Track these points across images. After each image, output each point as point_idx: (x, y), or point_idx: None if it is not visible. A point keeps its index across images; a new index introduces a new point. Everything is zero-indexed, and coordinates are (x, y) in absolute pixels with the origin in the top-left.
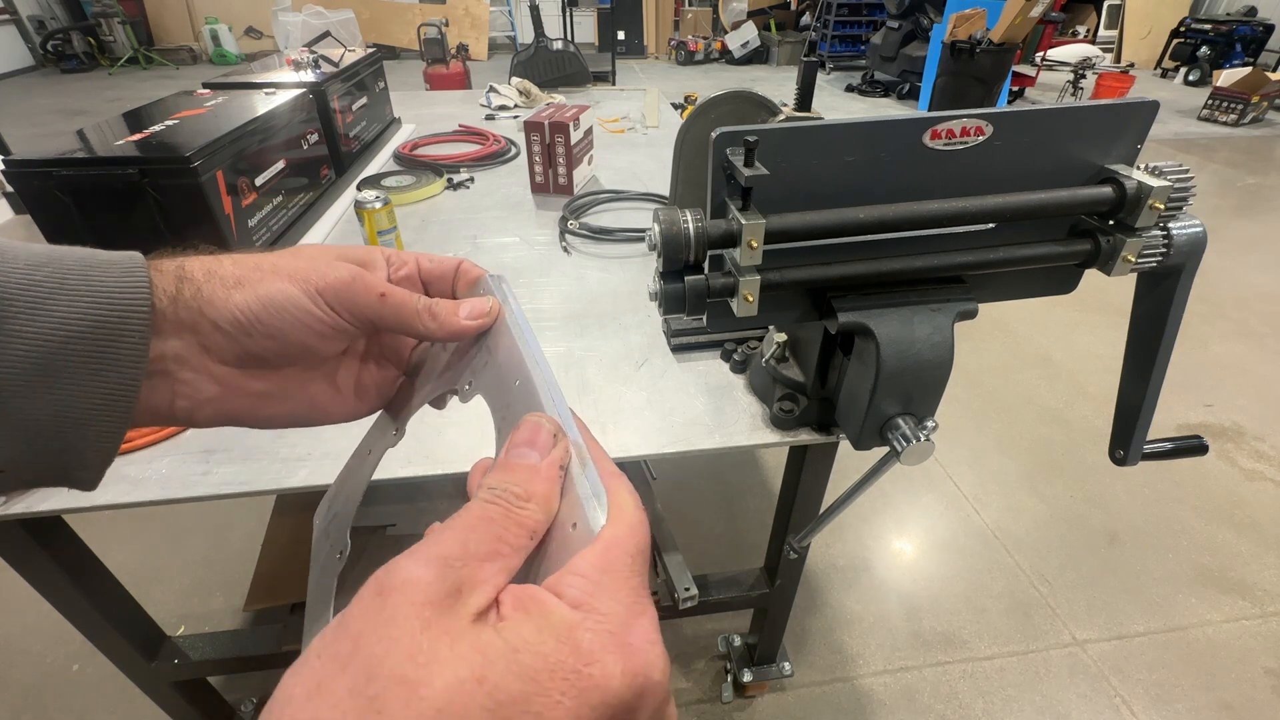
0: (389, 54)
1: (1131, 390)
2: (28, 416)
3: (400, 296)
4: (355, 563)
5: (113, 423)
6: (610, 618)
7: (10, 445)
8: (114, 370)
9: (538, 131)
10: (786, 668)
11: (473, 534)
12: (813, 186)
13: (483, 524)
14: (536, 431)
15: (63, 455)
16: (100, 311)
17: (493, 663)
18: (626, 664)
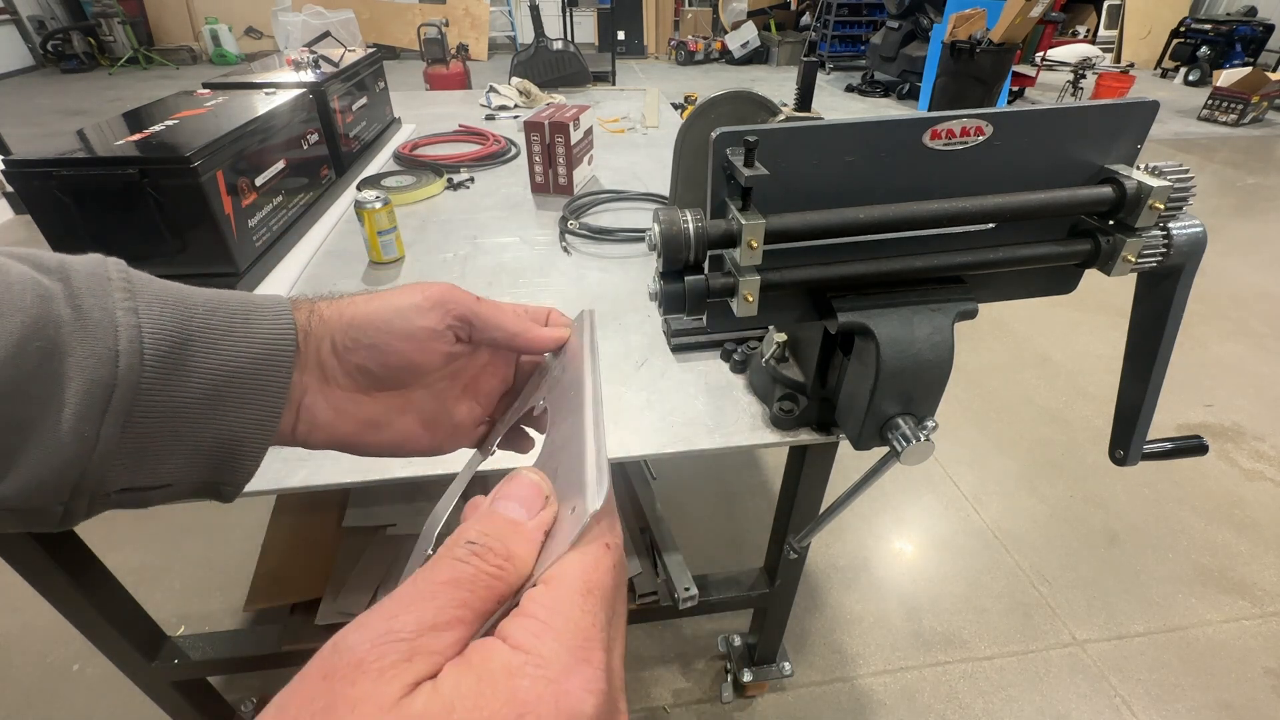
0: (389, 54)
1: (1131, 390)
2: (197, 438)
3: (494, 302)
4: (355, 562)
5: (258, 444)
6: (551, 663)
7: (180, 463)
8: (264, 400)
9: (538, 131)
10: (786, 668)
11: (434, 601)
12: (813, 186)
13: (448, 589)
14: (527, 489)
15: (217, 471)
16: (256, 350)
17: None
18: (559, 713)
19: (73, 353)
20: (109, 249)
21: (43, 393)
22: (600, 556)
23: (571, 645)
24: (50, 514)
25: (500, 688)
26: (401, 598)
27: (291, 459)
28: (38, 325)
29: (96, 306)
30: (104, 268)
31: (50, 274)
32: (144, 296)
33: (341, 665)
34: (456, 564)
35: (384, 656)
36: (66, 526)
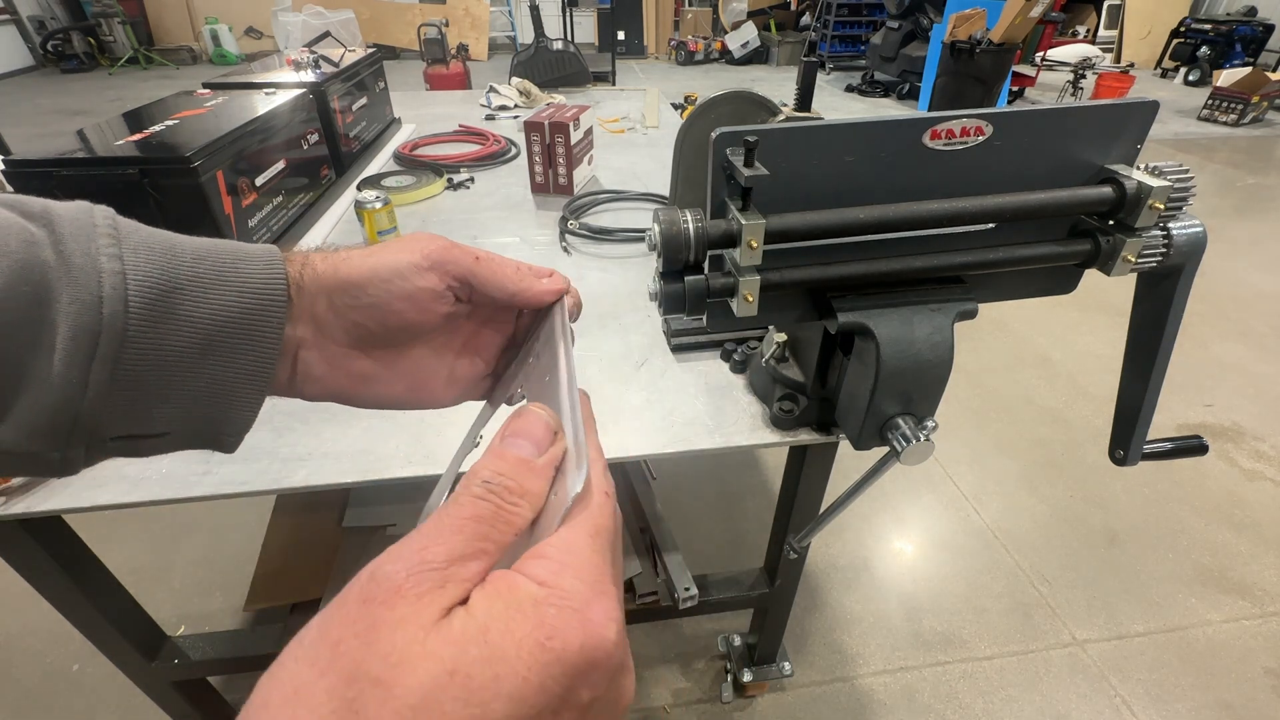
0: (389, 54)
1: (1131, 390)
2: (189, 387)
3: (494, 256)
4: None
5: (254, 394)
6: (573, 595)
7: (174, 412)
8: (257, 349)
9: (538, 131)
10: (786, 668)
11: (460, 535)
12: (813, 186)
13: (472, 524)
14: (535, 424)
15: (214, 422)
16: (247, 300)
17: (464, 651)
18: (586, 639)
19: (58, 298)
20: None
21: (31, 337)
22: (602, 503)
23: (588, 580)
24: (48, 460)
25: (529, 614)
26: (430, 531)
27: (291, 459)
28: (23, 270)
29: (80, 252)
30: (90, 215)
31: (35, 219)
32: (130, 243)
33: (380, 592)
34: (477, 501)
35: (420, 584)
36: (67, 473)
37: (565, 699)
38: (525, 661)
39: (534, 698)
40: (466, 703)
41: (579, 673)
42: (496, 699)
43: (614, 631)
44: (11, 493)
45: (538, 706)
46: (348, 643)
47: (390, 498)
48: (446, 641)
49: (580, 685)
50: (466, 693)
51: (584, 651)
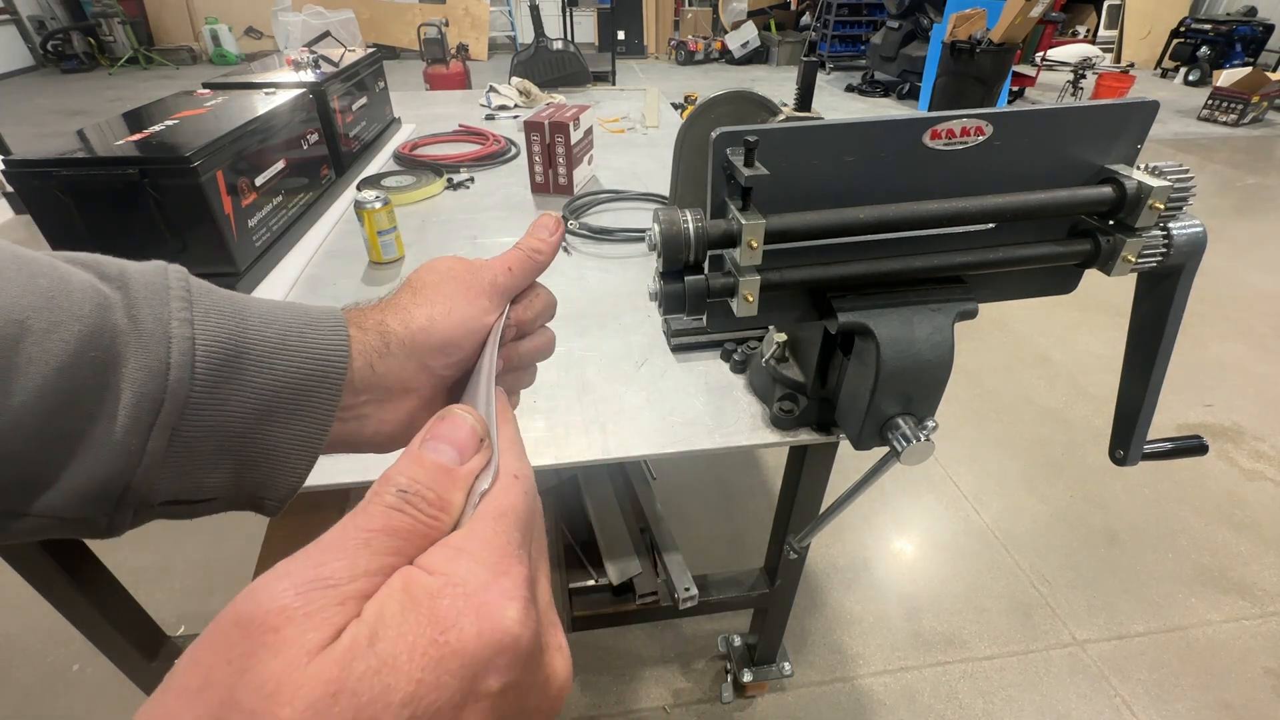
0: (389, 54)
1: (1131, 390)
2: (245, 452)
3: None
4: None
5: (303, 461)
6: (469, 580)
7: (225, 476)
8: (312, 416)
9: (538, 131)
10: (786, 668)
11: (367, 549)
12: (813, 186)
13: (382, 537)
14: (459, 428)
15: (261, 486)
16: (309, 367)
17: (348, 669)
18: (482, 625)
19: (126, 363)
20: (109, 249)
21: (94, 403)
22: (508, 485)
23: (487, 562)
24: (96, 524)
25: (423, 610)
26: (329, 545)
27: None
28: (95, 335)
29: (151, 317)
30: (164, 276)
31: (111, 281)
32: (200, 307)
33: (262, 612)
34: (390, 512)
35: (312, 602)
36: (113, 535)
37: (469, 691)
38: (419, 664)
39: (430, 696)
40: (356, 716)
41: (481, 662)
42: (387, 709)
43: (515, 611)
44: None
45: (436, 704)
46: (219, 670)
47: None
48: (330, 662)
49: (485, 674)
50: (353, 712)
51: (482, 638)
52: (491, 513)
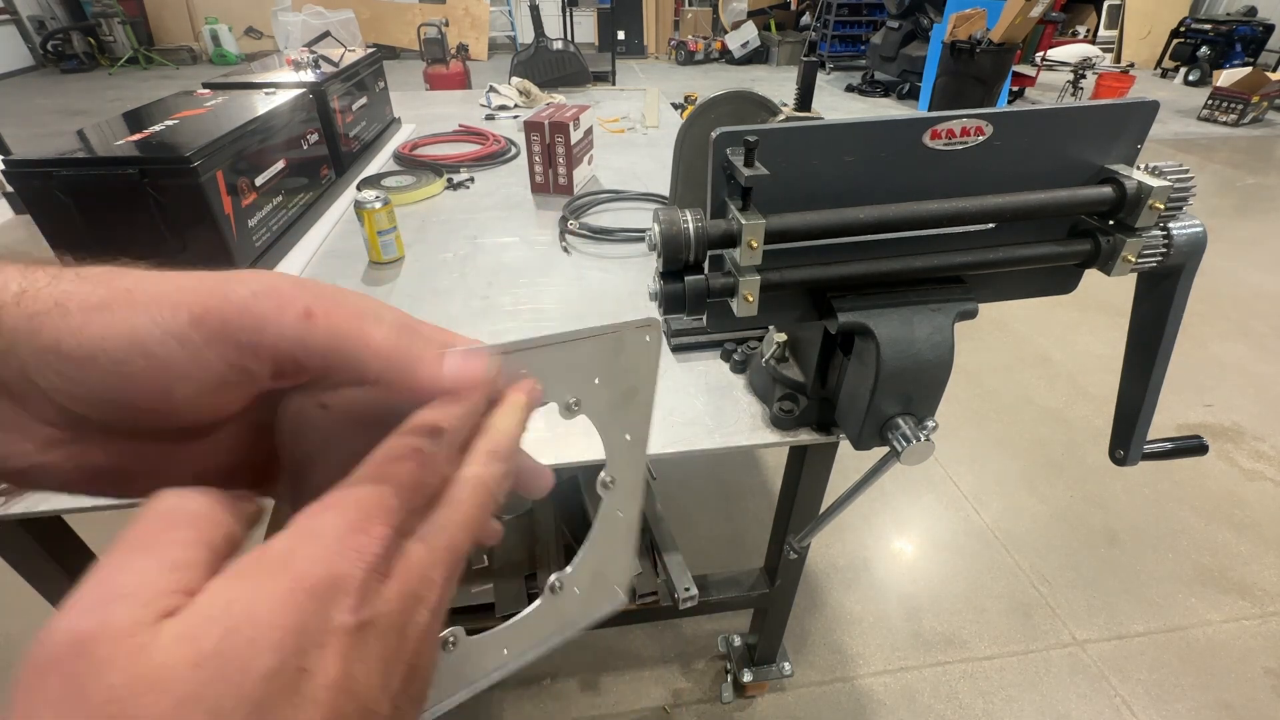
0: (389, 54)
1: (1131, 390)
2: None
3: (344, 315)
4: None
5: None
6: (322, 534)
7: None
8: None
9: (538, 131)
10: (786, 668)
11: (157, 550)
12: (813, 186)
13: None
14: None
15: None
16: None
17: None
18: (330, 572)
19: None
20: (109, 249)
21: None
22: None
23: (339, 523)
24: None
25: (277, 570)
26: (108, 564)
27: None
28: None
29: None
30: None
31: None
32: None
33: (62, 646)
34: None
35: (115, 615)
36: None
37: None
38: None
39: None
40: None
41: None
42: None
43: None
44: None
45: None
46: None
47: None
48: (174, 639)
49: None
50: (218, 669)
51: None
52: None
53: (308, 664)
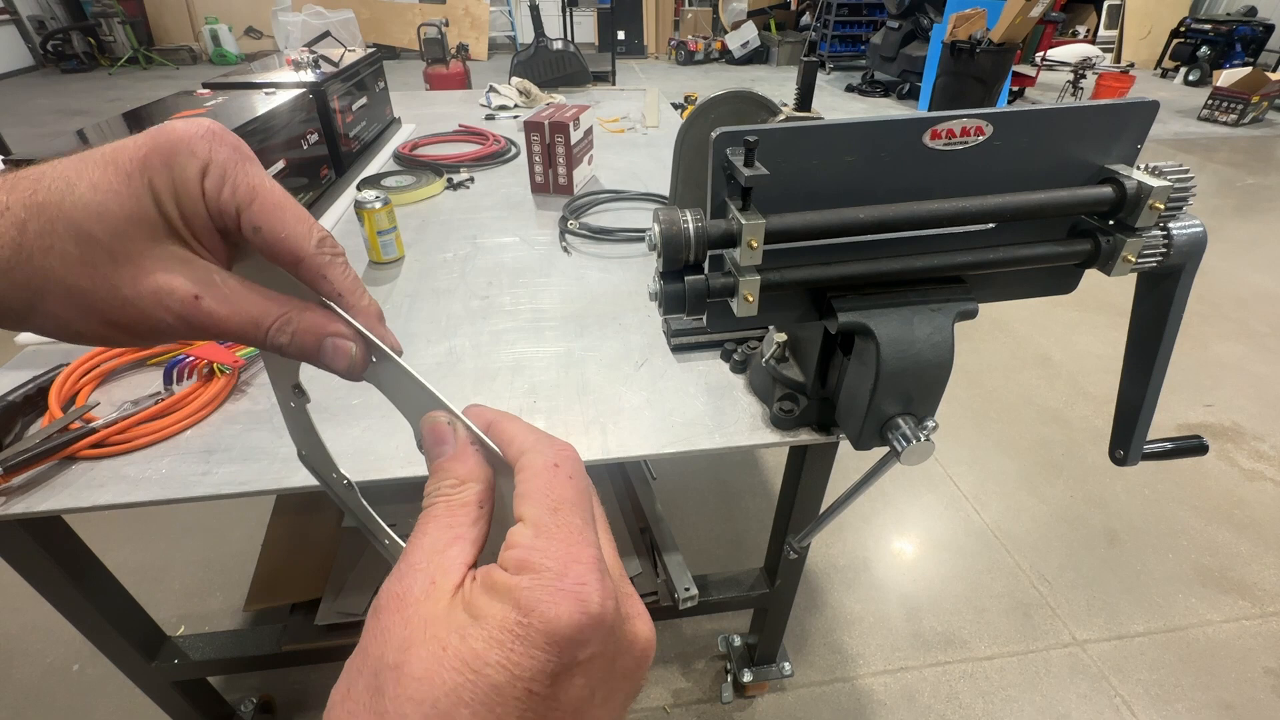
0: (389, 54)
1: (1131, 390)
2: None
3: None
4: (355, 562)
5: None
6: (544, 573)
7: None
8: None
9: (538, 131)
10: (786, 668)
11: (426, 537)
12: (813, 186)
13: (431, 525)
14: (437, 428)
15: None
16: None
17: (454, 632)
18: (562, 607)
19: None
20: None
21: None
22: (550, 478)
23: (558, 554)
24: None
25: (507, 600)
26: (406, 550)
27: (291, 459)
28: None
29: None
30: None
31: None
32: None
33: (385, 602)
34: (427, 510)
35: (413, 586)
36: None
37: (566, 663)
38: (509, 635)
39: (527, 664)
40: (461, 670)
41: (569, 639)
42: (489, 666)
43: (590, 591)
44: (11, 493)
45: (533, 671)
46: (374, 648)
47: (390, 498)
48: (445, 627)
49: (575, 648)
50: (460, 662)
51: (566, 618)
52: (547, 509)
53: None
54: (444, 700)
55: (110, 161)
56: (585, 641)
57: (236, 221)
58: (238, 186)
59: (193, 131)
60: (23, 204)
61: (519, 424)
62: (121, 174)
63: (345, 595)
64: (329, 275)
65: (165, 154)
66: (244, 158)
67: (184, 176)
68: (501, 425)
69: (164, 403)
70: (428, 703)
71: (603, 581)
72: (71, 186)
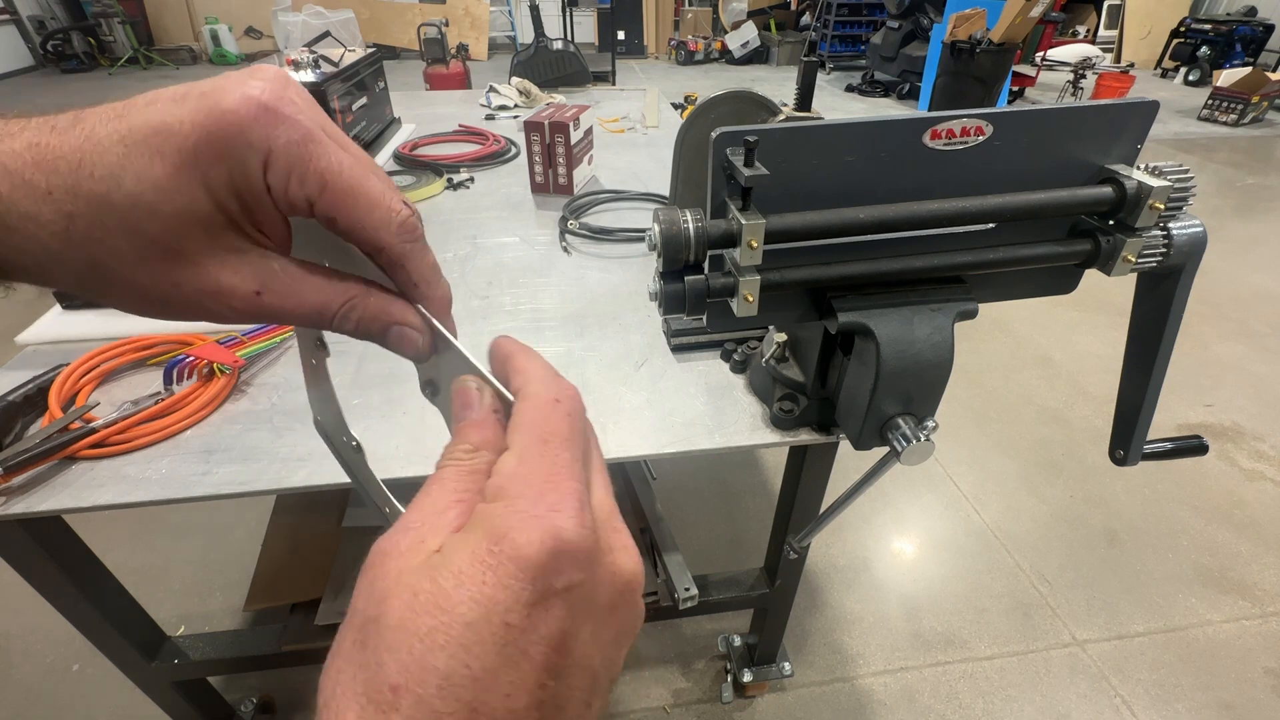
0: (389, 54)
1: (1131, 390)
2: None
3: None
4: (355, 562)
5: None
6: (519, 499)
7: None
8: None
9: (538, 131)
10: (786, 668)
11: (428, 498)
12: (813, 186)
13: (436, 487)
14: (465, 393)
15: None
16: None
17: (425, 576)
18: (532, 533)
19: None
20: None
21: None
22: (548, 411)
23: (537, 483)
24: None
25: (480, 530)
26: (409, 508)
27: (291, 459)
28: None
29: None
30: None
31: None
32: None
33: (373, 559)
34: (438, 471)
35: (400, 543)
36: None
37: (541, 591)
38: (480, 567)
39: (500, 595)
40: (432, 612)
41: (538, 565)
42: (460, 604)
43: (564, 519)
44: (11, 493)
45: (506, 603)
46: (359, 603)
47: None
48: (419, 575)
49: (549, 575)
50: (432, 604)
51: (533, 545)
52: (535, 440)
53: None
54: (418, 646)
55: (157, 151)
56: (558, 570)
57: (308, 211)
58: (306, 176)
59: (248, 114)
60: (66, 190)
61: (537, 361)
62: (170, 167)
63: (345, 595)
64: (406, 265)
65: (219, 145)
66: (308, 136)
67: (243, 172)
68: (518, 359)
69: (164, 403)
70: (403, 649)
71: (580, 510)
72: (118, 179)
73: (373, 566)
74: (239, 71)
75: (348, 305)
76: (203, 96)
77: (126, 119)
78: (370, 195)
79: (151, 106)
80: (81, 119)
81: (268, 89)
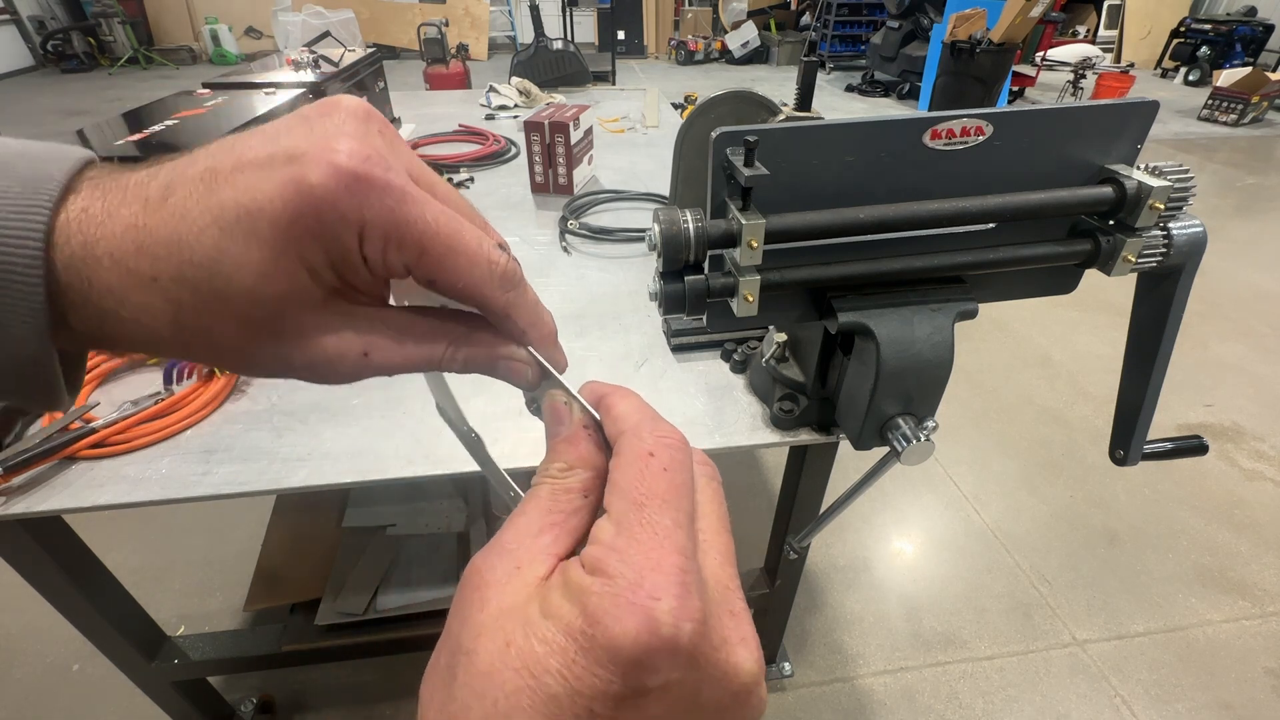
0: (389, 54)
1: (1131, 390)
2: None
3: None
4: (355, 562)
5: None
6: (616, 579)
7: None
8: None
9: (538, 131)
10: (786, 668)
11: (523, 517)
12: (813, 186)
13: (531, 505)
14: (555, 409)
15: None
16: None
17: (521, 627)
18: (628, 624)
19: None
20: None
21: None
22: (641, 467)
23: (636, 560)
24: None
25: (576, 603)
26: (504, 526)
27: (291, 459)
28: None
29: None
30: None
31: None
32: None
33: (470, 579)
34: (533, 490)
35: (496, 567)
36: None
37: (633, 688)
38: (572, 644)
39: (588, 681)
40: (521, 673)
41: (633, 660)
42: (548, 673)
43: (665, 612)
44: (11, 493)
45: (593, 691)
46: (454, 625)
47: (390, 498)
48: (514, 620)
49: (642, 673)
50: (521, 664)
51: (633, 637)
52: (633, 502)
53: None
54: (504, 702)
55: (251, 234)
56: (654, 668)
57: (406, 274)
58: (403, 243)
59: (338, 186)
60: (171, 279)
61: (631, 401)
62: (267, 248)
63: (345, 595)
64: (512, 315)
65: (311, 225)
66: (401, 198)
67: (339, 248)
68: (610, 401)
69: (164, 403)
70: (489, 700)
71: (684, 597)
72: (217, 263)
73: (469, 587)
74: (318, 116)
75: (452, 349)
76: (290, 163)
77: (216, 193)
78: (468, 251)
79: (239, 175)
80: (171, 190)
81: (355, 150)
